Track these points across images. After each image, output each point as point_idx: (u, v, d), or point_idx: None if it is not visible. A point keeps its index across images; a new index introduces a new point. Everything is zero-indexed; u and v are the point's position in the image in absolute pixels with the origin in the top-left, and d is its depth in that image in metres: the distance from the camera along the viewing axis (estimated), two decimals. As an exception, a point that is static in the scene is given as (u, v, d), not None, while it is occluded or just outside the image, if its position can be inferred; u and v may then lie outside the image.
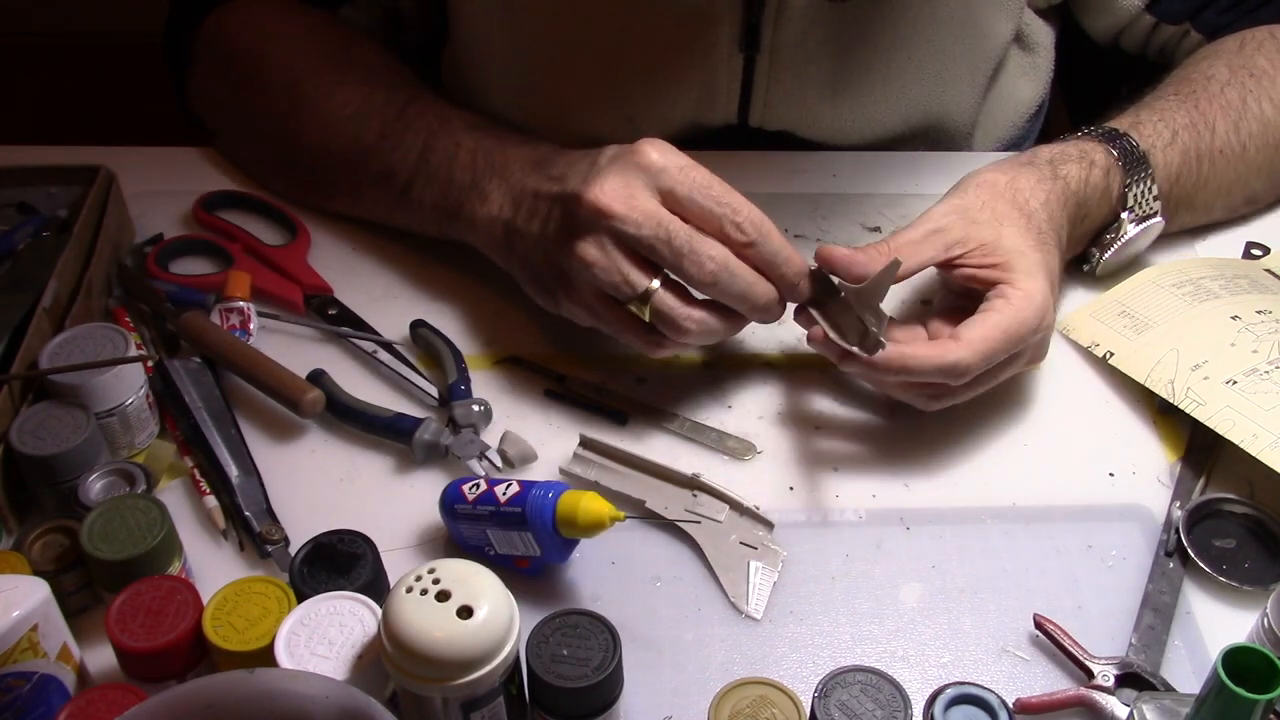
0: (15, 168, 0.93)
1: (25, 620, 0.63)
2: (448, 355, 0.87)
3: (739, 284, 0.79)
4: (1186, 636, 0.74)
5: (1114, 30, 1.07)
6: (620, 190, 0.78)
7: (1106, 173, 0.89)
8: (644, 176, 0.78)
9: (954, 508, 0.81)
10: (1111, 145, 0.90)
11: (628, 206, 0.77)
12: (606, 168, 0.79)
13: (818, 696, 0.65)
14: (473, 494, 0.74)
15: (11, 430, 0.75)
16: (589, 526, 0.71)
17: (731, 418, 0.86)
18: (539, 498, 0.72)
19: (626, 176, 0.78)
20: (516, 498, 0.72)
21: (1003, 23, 1.04)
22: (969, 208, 0.84)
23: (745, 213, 0.78)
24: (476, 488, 0.74)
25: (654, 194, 0.78)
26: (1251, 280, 0.92)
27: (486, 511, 0.73)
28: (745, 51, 0.99)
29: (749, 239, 0.78)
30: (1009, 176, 0.86)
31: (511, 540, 0.74)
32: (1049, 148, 0.90)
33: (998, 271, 0.81)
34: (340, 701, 0.59)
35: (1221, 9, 1.02)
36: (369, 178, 0.94)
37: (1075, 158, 0.89)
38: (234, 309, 0.88)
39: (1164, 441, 0.85)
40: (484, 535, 0.75)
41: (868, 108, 1.03)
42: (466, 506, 0.74)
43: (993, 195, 0.84)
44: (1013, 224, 0.83)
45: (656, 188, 0.78)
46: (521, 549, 0.74)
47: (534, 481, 0.73)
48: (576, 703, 0.65)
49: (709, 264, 0.77)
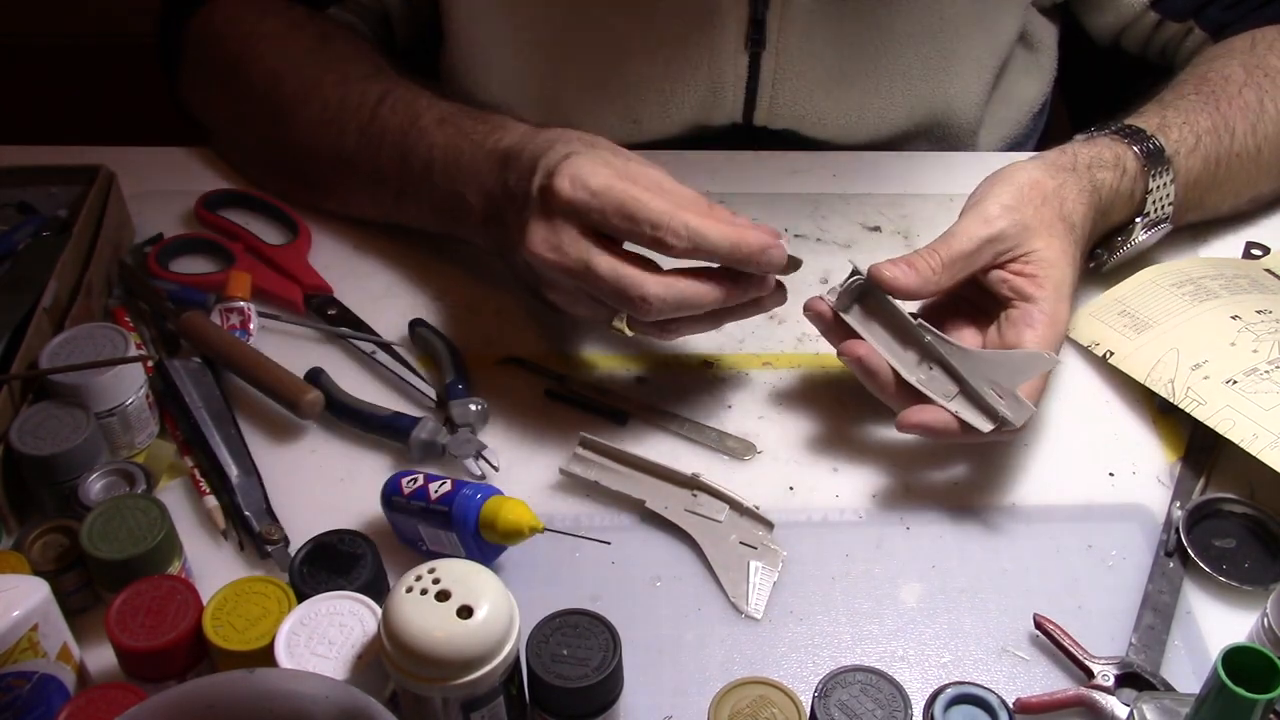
0: (15, 168, 0.93)
1: (25, 620, 0.63)
2: (446, 355, 0.87)
3: (683, 303, 0.77)
4: (1186, 636, 0.74)
5: (1116, 28, 1.07)
6: (547, 238, 0.78)
7: (1134, 179, 0.89)
8: (562, 218, 0.77)
9: (954, 508, 0.81)
10: (1140, 148, 0.89)
11: (558, 255, 0.77)
12: (533, 209, 0.78)
13: (818, 696, 0.65)
14: (409, 488, 0.75)
15: (11, 430, 0.75)
16: (508, 534, 0.72)
17: (731, 418, 0.86)
18: (466, 499, 0.73)
19: (550, 222, 0.78)
20: (446, 496, 0.73)
21: (1008, 20, 1.04)
22: (1023, 210, 0.82)
23: (665, 223, 0.75)
24: (414, 481, 0.75)
25: (578, 232, 0.77)
26: (1252, 280, 0.92)
27: (418, 507, 0.74)
28: (751, 49, 0.99)
29: (681, 246, 0.76)
30: (1057, 183, 0.84)
31: (439, 538, 0.74)
32: (1086, 149, 0.88)
33: (1032, 285, 0.80)
34: (340, 701, 0.59)
35: (1225, 6, 1.01)
36: (361, 180, 0.94)
37: (1110, 164, 0.88)
38: (234, 309, 0.88)
39: (1164, 441, 0.85)
40: (416, 530, 0.75)
41: (873, 105, 1.03)
42: (401, 499, 0.75)
43: (1044, 201, 0.83)
44: (1058, 236, 0.82)
45: (578, 225, 0.77)
46: (449, 548, 0.75)
47: (466, 482, 0.74)
48: (576, 703, 0.65)
49: (641, 304, 0.76)
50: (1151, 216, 0.91)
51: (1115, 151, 0.89)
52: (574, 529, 0.78)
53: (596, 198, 0.76)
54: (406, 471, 0.76)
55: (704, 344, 0.90)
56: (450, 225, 0.90)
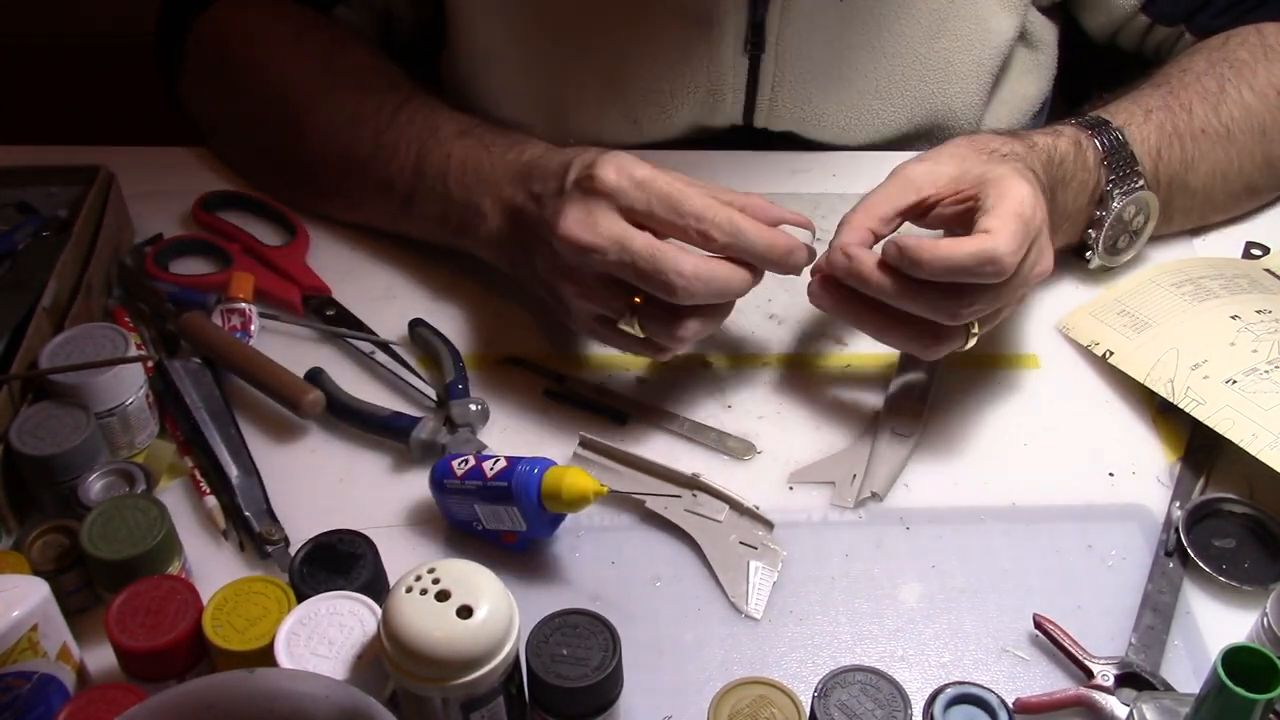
0: (15, 168, 0.93)
1: (25, 620, 0.63)
2: (446, 355, 0.87)
3: (714, 287, 0.78)
4: (1186, 636, 0.74)
5: (1110, 29, 1.08)
6: (583, 219, 0.78)
7: (1076, 142, 0.88)
8: (604, 200, 0.78)
9: (954, 508, 0.81)
10: (1077, 121, 0.90)
11: (592, 234, 0.77)
12: (569, 195, 0.79)
13: (817, 696, 0.65)
14: (461, 469, 0.75)
15: (11, 430, 0.75)
16: (573, 501, 0.72)
17: (731, 418, 0.86)
18: (525, 473, 0.73)
19: (588, 204, 0.78)
20: (503, 473, 0.74)
21: (1007, 21, 1.04)
22: (933, 158, 0.82)
23: (709, 217, 0.78)
24: (465, 463, 0.75)
25: (617, 214, 0.78)
26: (1251, 280, 0.92)
27: (474, 486, 0.74)
28: (751, 52, 0.99)
29: (722, 241, 0.78)
30: (970, 137, 0.85)
31: (498, 515, 0.75)
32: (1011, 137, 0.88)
33: (976, 193, 0.79)
34: (340, 701, 0.59)
35: (1216, 12, 1.02)
36: (369, 187, 0.94)
37: (1044, 133, 0.88)
38: (235, 310, 0.88)
39: (1164, 441, 0.85)
40: (472, 510, 0.76)
41: (873, 108, 1.03)
42: (455, 481, 0.75)
43: (955, 147, 0.83)
44: (980, 163, 0.81)
45: (618, 208, 0.78)
46: (508, 524, 0.75)
47: (520, 457, 0.74)
48: (576, 703, 0.65)
49: (676, 280, 0.76)
50: (1123, 187, 0.89)
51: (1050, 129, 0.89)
52: (574, 529, 0.78)
53: (641, 187, 0.78)
54: (454, 454, 0.77)
55: (704, 344, 0.90)
56: (456, 236, 0.90)
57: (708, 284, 0.77)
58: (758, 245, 0.78)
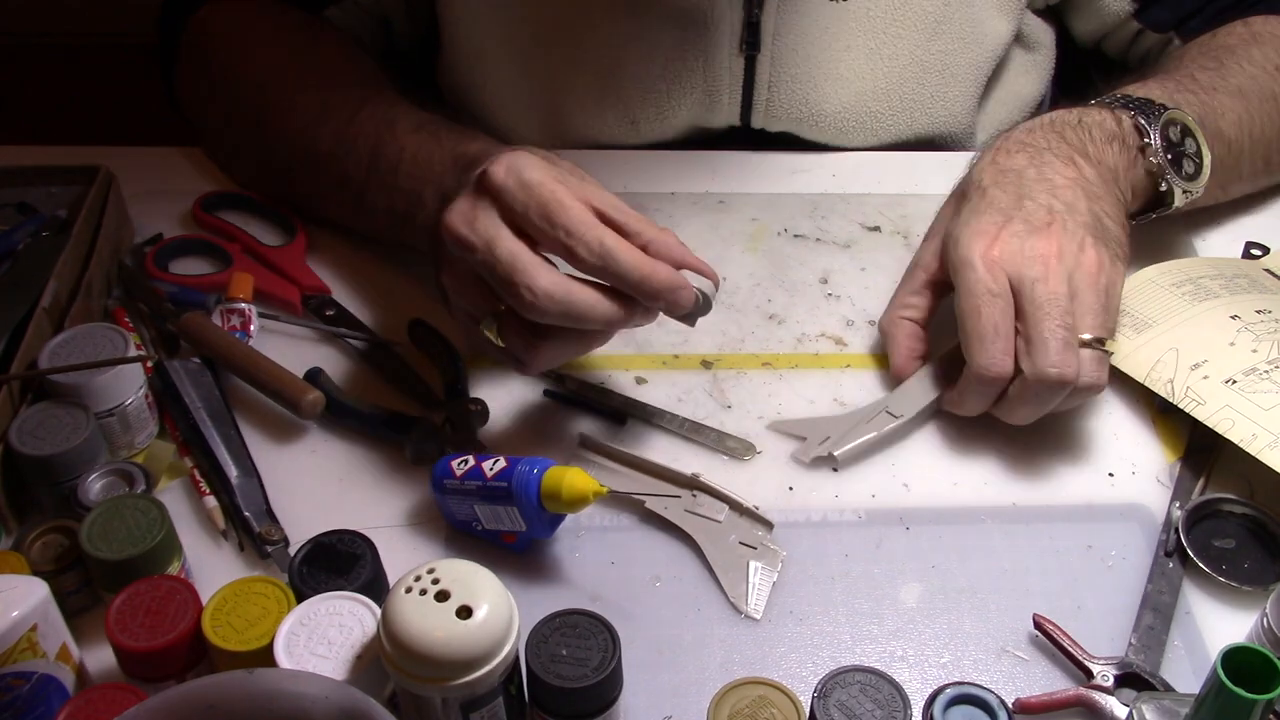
0: (15, 168, 0.93)
1: (25, 620, 0.63)
2: (446, 355, 0.87)
3: (568, 309, 0.73)
4: (1186, 636, 0.74)
5: (1099, 34, 1.08)
6: (466, 214, 0.75)
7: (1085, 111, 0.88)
8: (489, 199, 0.75)
9: (954, 508, 0.81)
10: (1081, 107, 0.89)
11: (468, 230, 0.74)
12: (465, 188, 0.76)
13: (817, 696, 0.64)
14: (461, 469, 0.75)
15: (11, 430, 0.75)
16: (573, 501, 0.72)
17: (731, 418, 0.86)
18: (524, 473, 0.73)
19: (475, 200, 0.75)
20: (503, 473, 0.74)
21: (1003, 23, 1.04)
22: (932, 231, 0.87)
23: (579, 233, 0.72)
24: (465, 463, 0.75)
25: (498, 215, 0.74)
26: (1251, 280, 0.92)
27: (474, 486, 0.74)
28: (746, 52, 0.99)
29: (590, 261, 0.72)
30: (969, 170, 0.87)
31: (498, 515, 0.75)
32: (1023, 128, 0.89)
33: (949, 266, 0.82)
34: (340, 701, 0.59)
35: (1207, 19, 1.02)
36: (331, 182, 0.93)
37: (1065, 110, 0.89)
38: (235, 310, 0.88)
39: (1164, 441, 0.85)
40: (471, 510, 0.76)
41: (870, 108, 1.03)
42: (454, 482, 0.75)
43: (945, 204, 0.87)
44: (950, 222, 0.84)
45: (501, 209, 0.74)
46: (508, 524, 0.75)
47: (520, 457, 0.74)
48: (576, 703, 0.65)
49: (526, 294, 0.72)
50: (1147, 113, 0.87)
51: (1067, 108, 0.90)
52: (574, 529, 0.78)
53: (524, 190, 0.73)
54: (453, 455, 0.77)
55: (704, 344, 0.90)
56: (402, 228, 0.89)
57: (561, 305, 0.72)
58: (629, 273, 0.72)
